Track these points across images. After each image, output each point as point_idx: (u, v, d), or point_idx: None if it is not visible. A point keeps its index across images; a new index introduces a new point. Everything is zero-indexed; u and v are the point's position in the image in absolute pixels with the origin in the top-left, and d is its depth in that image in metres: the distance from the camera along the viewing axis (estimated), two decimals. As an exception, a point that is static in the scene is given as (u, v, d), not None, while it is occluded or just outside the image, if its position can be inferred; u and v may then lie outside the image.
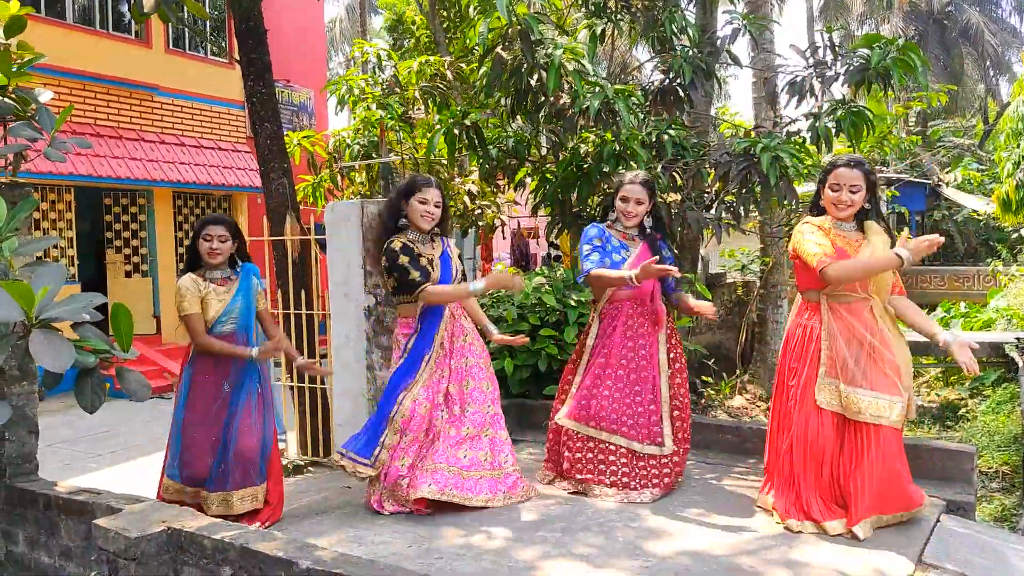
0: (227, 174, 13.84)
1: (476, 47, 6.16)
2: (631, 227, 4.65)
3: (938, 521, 3.93)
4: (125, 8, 13.16)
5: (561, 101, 5.85)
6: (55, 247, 12.04)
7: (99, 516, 3.67)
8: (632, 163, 5.83)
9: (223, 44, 14.59)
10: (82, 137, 9.30)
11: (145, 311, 13.15)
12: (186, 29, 13.77)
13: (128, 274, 13.41)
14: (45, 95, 3.89)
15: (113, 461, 8.07)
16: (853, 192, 3.93)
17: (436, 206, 4.43)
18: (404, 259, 4.30)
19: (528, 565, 3.54)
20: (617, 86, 5.70)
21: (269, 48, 6.95)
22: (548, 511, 4.24)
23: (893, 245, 3.83)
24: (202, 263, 4.42)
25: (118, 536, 3.34)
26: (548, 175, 6.61)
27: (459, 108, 6.29)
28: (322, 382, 6.37)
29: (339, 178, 8.42)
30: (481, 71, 6.10)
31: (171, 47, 13.90)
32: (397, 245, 4.34)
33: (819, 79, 6.60)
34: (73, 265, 12.31)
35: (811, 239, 3.92)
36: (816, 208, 4.15)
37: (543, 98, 5.93)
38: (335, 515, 4.34)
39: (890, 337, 3.91)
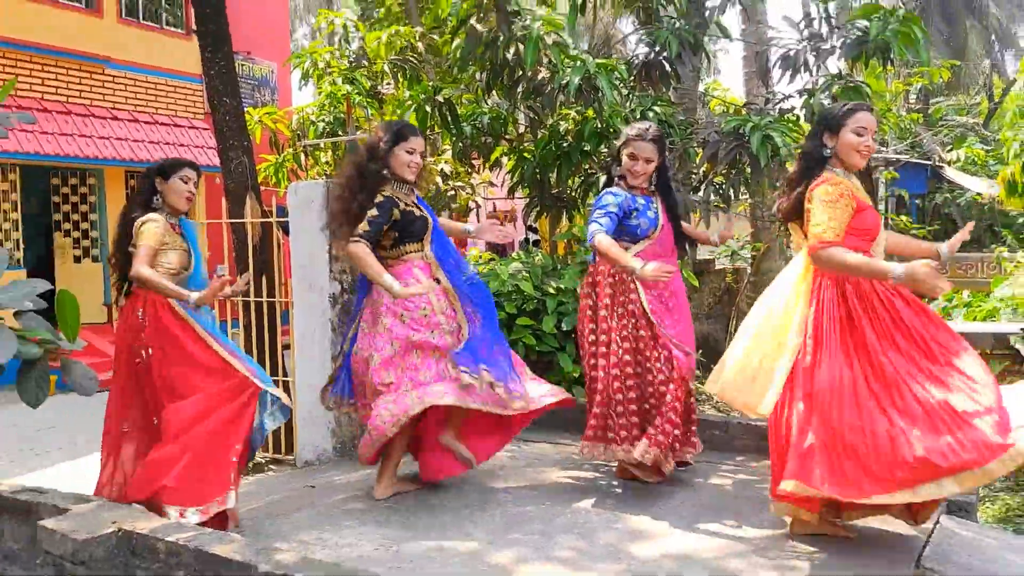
0: (183, 152, 13.71)
1: (449, 18, 6.14)
2: (638, 185, 4.59)
3: (937, 523, 3.97)
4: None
5: (539, 76, 5.85)
6: (-1, 230, 11.93)
7: (45, 516, 3.65)
8: (615, 142, 5.83)
9: (179, 14, 14.45)
10: (27, 112, 9.19)
11: (95, 298, 13.04)
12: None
13: (77, 259, 13.29)
14: (-17, 67, 3.84)
15: (60, 458, 8.02)
16: (873, 139, 3.85)
17: (422, 156, 4.51)
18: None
19: (502, 569, 3.55)
20: (599, 60, 5.70)
21: (229, 18, 6.89)
22: (525, 511, 4.26)
23: None
24: (161, 208, 4.39)
25: (65, 538, 3.32)
26: (526, 154, 6.61)
27: (431, 83, 6.27)
28: (285, 374, 6.34)
29: (303, 157, 8.38)
30: (455, 44, 6.08)
31: (124, 16, 13.74)
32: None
33: (814, 53, 6.63)
34: (18, 249, 12.19)
35: (837, 211, 3.64)
36: (816, 160, 3.84)
37: (520, 73, 5.92)
38: (297, 516, 4.32)
39: None
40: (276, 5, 16.43)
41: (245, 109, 8.72)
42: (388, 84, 8.37)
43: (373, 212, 4.32)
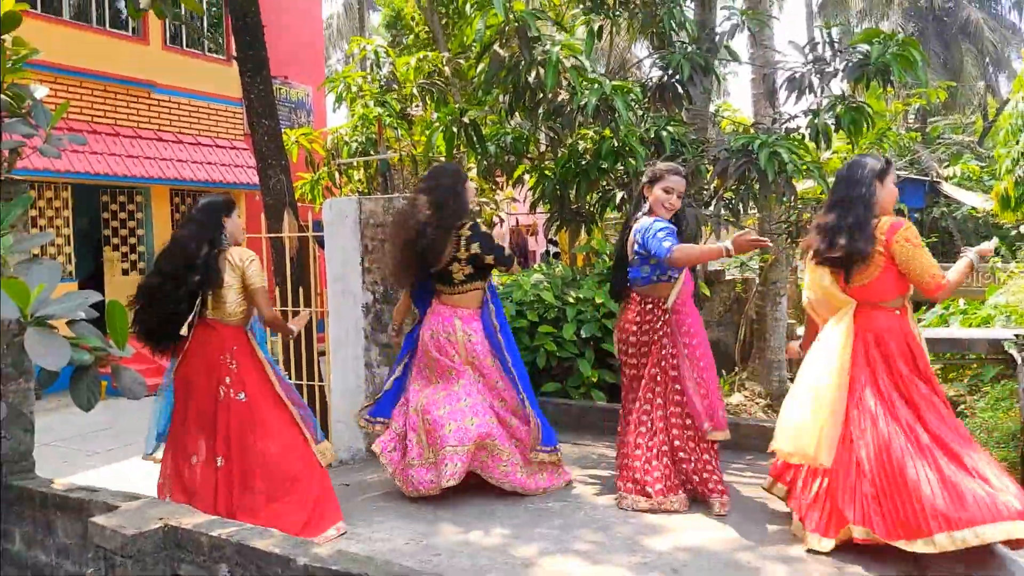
0: (225, 171, 13.82)
1: (473, 44, 6.16)
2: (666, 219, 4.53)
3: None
4: (122, 4, 13.13)
5: (559, 98, 5.85)
6: (52, 244, 12.02)
7: (96, 514, 3.67)
8: (631, 160, 5.83)
9: (220, 41, 14.57)
10: (79, 134, 9.19)
11: (143, 308, 13.10)
12: (183, 25, 13.75)
13: (125, 271, 13.38)
14: (40, 91, 3.87)
15: (110, 459, 8.07)
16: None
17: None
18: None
19: (526, 561, 3.54)
20: (615, 82, 5.69)
21: (267, 45, 6.94)
22: (547, 508, 4.25)
23: None
24: (225, 243, 4.23)
25: (115, 534, 3.33)
26: (547, 172, 6.61)
27: (457, 105, 6.29)
28: (320, 379, 6.36)
29: (337, 175, 8.41)
30: (479, 68, 6.10)
31: (168, 44, 13.86)
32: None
33: (818, 75, 6.61)
34: (70, 263, 12.29)
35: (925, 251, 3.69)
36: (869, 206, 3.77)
37: (541, 95, 5.93)
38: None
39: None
40: (311, 32, 16.53)
41: (282, 130, 8.79)
42: (417, 106, 8.41)
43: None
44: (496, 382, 4.46)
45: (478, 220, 4.50)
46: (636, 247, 4.28)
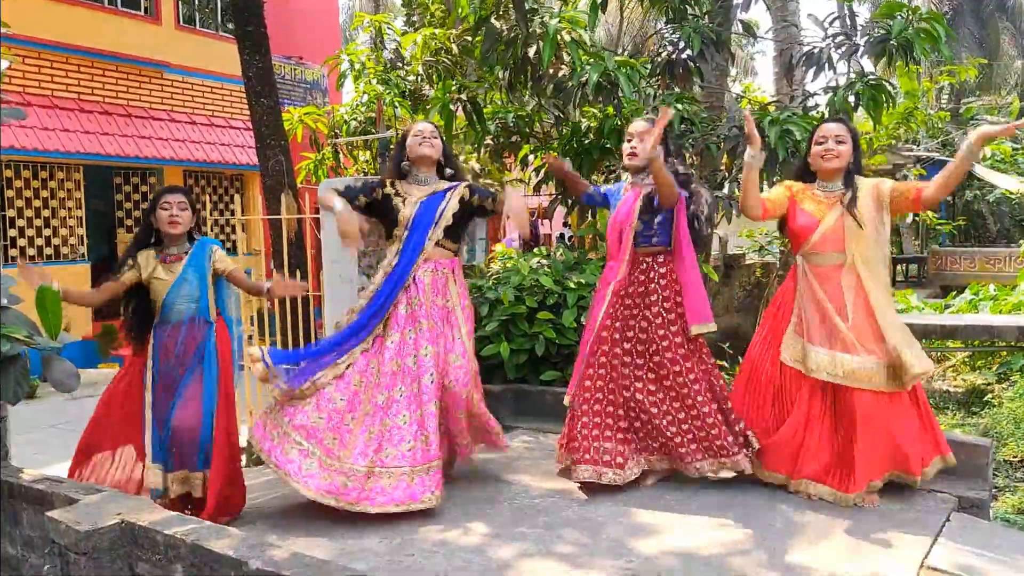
0: (238, 152, 13.68)
1: (468, 17, 5.91)
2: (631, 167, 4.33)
3: (947, 520, 3.67)
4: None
5: (560, 73, 5.60)
6: (64, 226, 11.97)
7: (56, 506, 3.52)
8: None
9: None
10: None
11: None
12: (193, 6, 13.63)
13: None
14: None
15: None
16: (840, 143, 4.00)
17: (433, 136, 4.27)
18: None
19: (503, 563, 3.33)
20: (619, 57, 5.43)
21: (282, 26, 6.80)
22: (533, 504, 4.03)
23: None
24: (159, 240, 4.18)
25: (69, 529, 3.17)
26: (552, 152, 6.37)
27: (455, 82, 6.05)
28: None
29: (341, 156, 8.21)
30: (474, 41, 5.85)
31: (181, 24, 13.73)
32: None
33: (837, 51, 6.31)
34: (83, 244, 12.23)
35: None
36: (803, 173, 4.23)
37: (541, 71, 5.68)
38: (307, 510, 4.13)
39: (873, 301, 3.92)
40: (327, 11, 16.31)
41: (286, 108, 8.60)
42: (426, 87, 8.17)
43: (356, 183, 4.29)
44: None
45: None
46: None
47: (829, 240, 3.97)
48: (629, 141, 4.25)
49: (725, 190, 6.69)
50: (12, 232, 11.36)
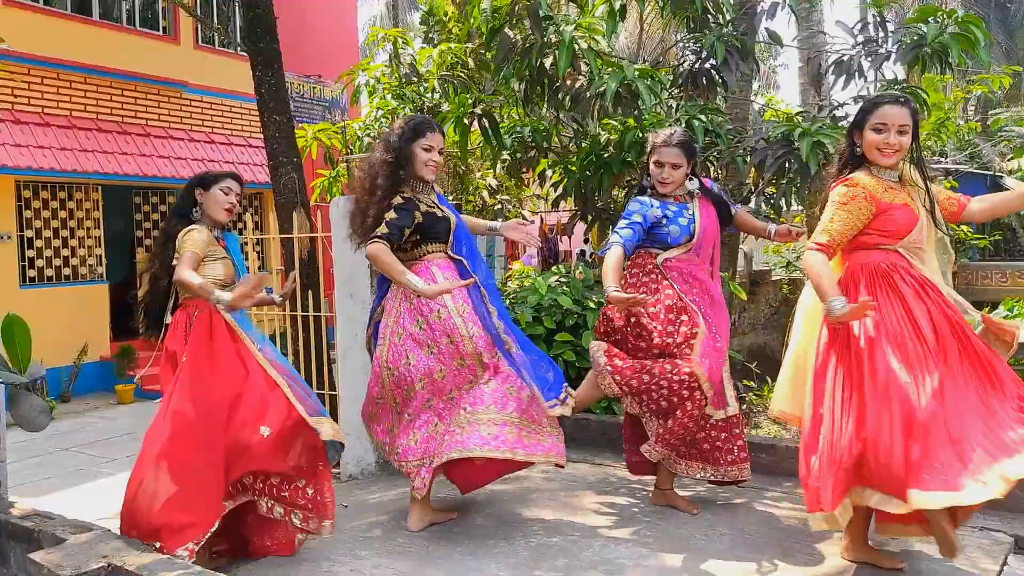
0: (257, 171, 13.52)
1: (480, 28, 5.67)
2: (669, 193, 4.10)
3: (1005, 564, 3.34)
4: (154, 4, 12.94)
5: (578, 84, 5.33)
6: (82, 247, 11.85)
7: (44, 545, 3.29)
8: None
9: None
10: (109, 134, 8.80)
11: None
12: (214, 22, 13.52)
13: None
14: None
15: (128, 466, 7.70)
16: (902, 134, 3.34)
17: (441, 153, 4.04)
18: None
19: (518, 613, 3.05)
20: (639, 66, 5.16)
21: (301, 44, 6.62)
22: (551, 543, 3.74)
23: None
24: (201, 220, 3.92)
25: (51, 574, 2.93)
26: (571, 167, 6.11)
27: (469, 96, 5.81)
28: (333, 388, 5.97)
29: (357, 173, 8.00)
30: (488, 55, 5.61)
31: (200, 44, 13.62)
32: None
33: (868, 58, 6.01)
34: (101, 264, 12.09)
35: (843, 214, 3.34)
36: (847, 159, 3.51)
37: (558, 82, 5.42)
38: (320, 542, 3.88)
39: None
40: (346, 30, 16.19)
41: (300, 125, 8.41)
42: (443, 102, 7.95)
43: (392, 215, 3.84)
44: None
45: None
46: None
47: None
48: (660, 168, 4.04)
49: (752, 204, 6.40)
50: (30, 252, 11.24)
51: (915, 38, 5.63)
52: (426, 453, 3.85)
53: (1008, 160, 18.74)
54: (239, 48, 13.82)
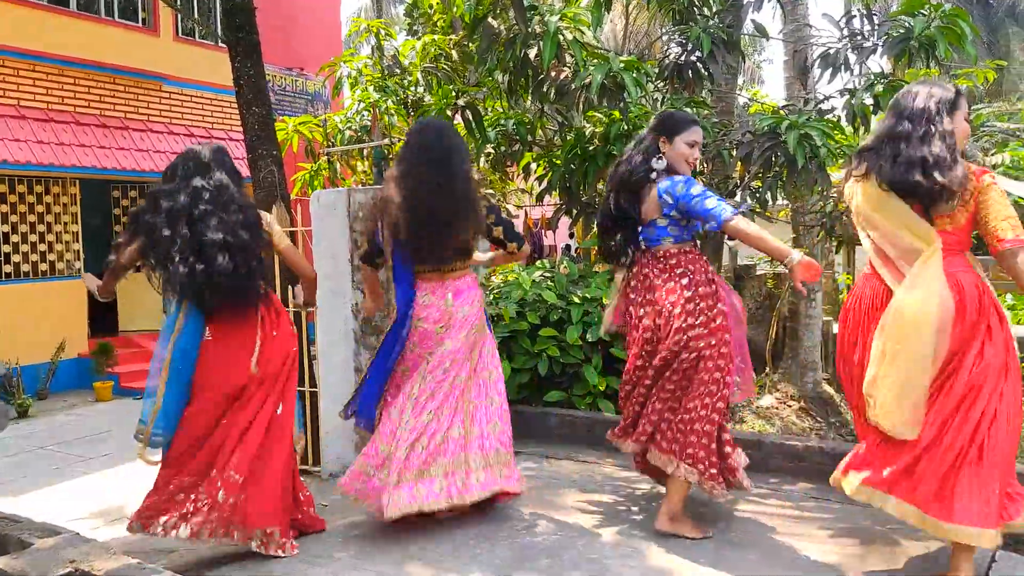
0: (240, 165, 13.38)
1: (463, 16, 5.57)
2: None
3: (993, 561, 3.29)
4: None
5: (563, 76, 5.25)
6: (59, 241, 11.67)
7: (11, 550, 3.19)
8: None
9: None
10: (87, 127, 8.68)
11: (155, 305, 12.72)
12: (194, 13, 13.35)
13: (137, 268, 12.98)
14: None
15: (105, 465, 7.64)
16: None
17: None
18: None
19: (500, 616, 2.98)
20: (624, 58, 5.08)
21: (284, 37, 6.49)
22: (534, 542, 3.67)
23: None
24: None
25: (16, 580, 2.84)
26: (555, 160, 6.03)
27: (452, 87, 5.72)
28: (313, 384, 5.87)
29: (339, 166, 7.89)
30: (471, 46, 5.52)
31: (180, 35, 13.45)
32: None
33: (854, 51, 5.96)
34: (79, 260, 11.92)
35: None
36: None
37: (543, 74, 5.34)
38: (297, 542, 3.78)
39: None
40: (329, 23, 16.05)
41: (280, 118, 8.28)
42: (425, 94, 7.86)
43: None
44: None
45: None
46: (667, 207, 3.70)
47: None
48: (693, 148, 3.84)
49: (737, 197, 6.35)
50: (6, 248, 11.06)
51: (902, 31, 5.58)
52: None
53: (991, 155, 18.81)
54: (219, 40, 13.68)
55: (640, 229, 3.86)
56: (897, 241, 3.15)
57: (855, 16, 6.13)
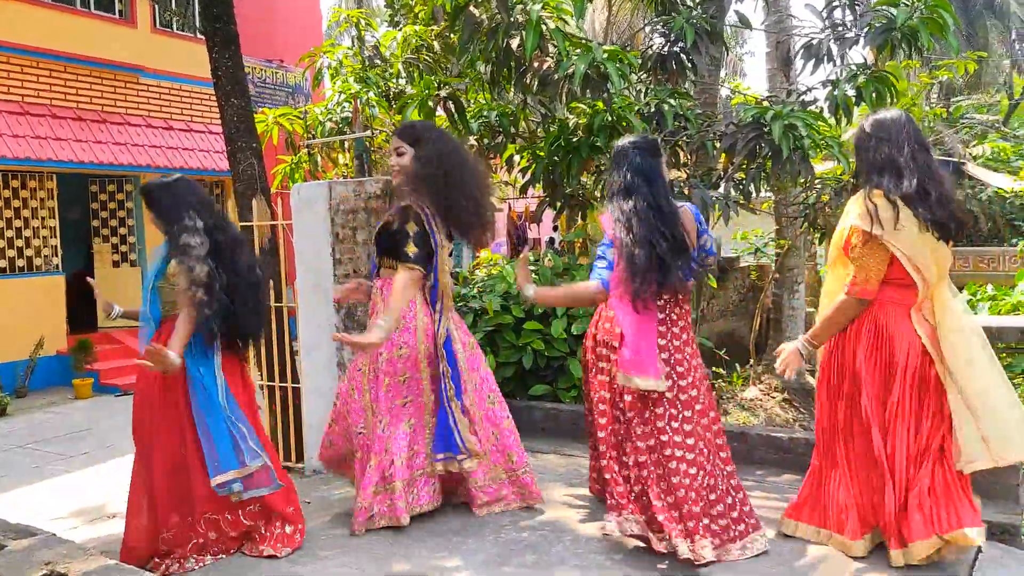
0: (218, 159, 13.25)
1: (444, 5, 5.50)
2: None
3: (980, 550, 3.29)
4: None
5: (546, 66, 5.20)
6: (36, 236, 11.52)
7: (-14, 552, 3.11)
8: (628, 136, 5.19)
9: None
10: (64, 120, 8.59)
11: (135, 302, 12.58)
12: (171, 4, 13.19)
13: (116, 263, 12.86)
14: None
15: (85, 463, 7.55)
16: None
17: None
18: None
19: (486, 613, 2.93)
20: (608, 47, 5.03)
21: (264, 29, 6.41)
22: (520, 537, 3.62)
23: None
24: None
25: (-11, 582, 2.77)
26: (539, 152, 5.98)
27: (434, 78, 5.65)
28: (295, 381, 5.81)
29: (320, 159, 7.79)
30: (452, 36, 5.46)
31: (157, 27, 13.29)
32: None
33: (837, 41, 5.94)
34: (56, 255, 11.77)
35: None
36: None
37: (526, 64, 5.28)
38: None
39: None
40: (309, 14, 15.89)
41: (260, 110, 8.17)
42: (406, 85, 7.78)
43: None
44: None
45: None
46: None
47: None
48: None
49: (721, 190, 6.32)
50: (-17, 243, 10.93)
51: (884, 21, 5.56)
52: None
53: (972, 146, 18.93)
54: (197, 31, 13.54)
55: None
56: None
57: (837, 6, 6.11)
